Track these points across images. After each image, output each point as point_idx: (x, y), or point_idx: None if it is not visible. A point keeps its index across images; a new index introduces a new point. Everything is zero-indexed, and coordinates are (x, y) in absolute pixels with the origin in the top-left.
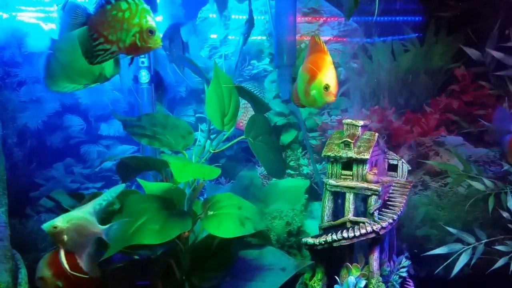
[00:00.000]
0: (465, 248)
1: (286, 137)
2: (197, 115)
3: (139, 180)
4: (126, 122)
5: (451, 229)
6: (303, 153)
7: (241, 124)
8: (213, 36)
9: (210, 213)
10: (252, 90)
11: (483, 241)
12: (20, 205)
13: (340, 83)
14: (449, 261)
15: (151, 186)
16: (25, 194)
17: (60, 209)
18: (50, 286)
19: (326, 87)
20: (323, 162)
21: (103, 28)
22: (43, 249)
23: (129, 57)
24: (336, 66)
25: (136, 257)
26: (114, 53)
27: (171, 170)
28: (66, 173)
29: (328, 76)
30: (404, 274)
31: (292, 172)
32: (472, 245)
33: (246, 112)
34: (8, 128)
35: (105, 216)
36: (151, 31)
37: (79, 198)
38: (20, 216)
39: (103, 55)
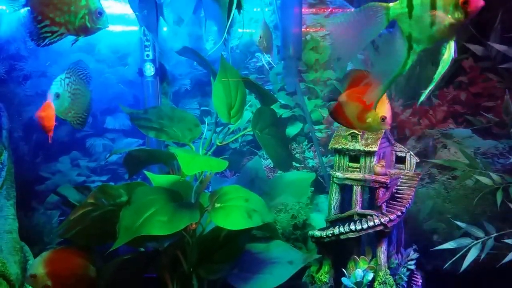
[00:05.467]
0: (474, 243)
1: (292, 130)
2: (202, 108)
3: (147, 173)
4: (133, 115)
5: (459, 223)
6: (308, 146)
7: None
8: None
9: (217, 205)
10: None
11: (493, 235)
12: (26, 199)
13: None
14: (458, 255)
15: (158, 178)
16: (31, 188)
17: (67, 205)
18: (39, 285)
19: (383, 119)
20: (329, 155)
21: (48, 10)
22: (49, 242)
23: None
24: None
25: (142, 249)
26: (63, 35)
27: (179, 162)
28: (72, 167)
29: (385, 109)
30: (412, 267)
31: (297, 165)
32: (482, 240)
33: None
34: (14, 121)
35: (113, 208)
36: (100, 13)
37: (86, 192)
38: (26, 209)
39: (51, 37)
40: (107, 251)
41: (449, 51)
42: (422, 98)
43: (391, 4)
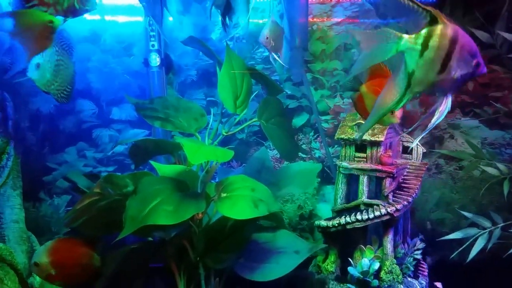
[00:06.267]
0: (481, 233)
1: (298, 120)
2: (208, 98)
3: (153, 163)
4: (138, 105)
5: (466, 214)
6: (315, 136)
7: None
8: None
9: (224, 195)
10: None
11: (500, 225)
12: (33, 189)
13: (353, 65)
14: (465, 246)
15: (165, 168)
16: (38, 178)
17: (76, 190)
18: (43, 273)
19: (392, 112)
20: (335, 146)
21: None
22: (57, 233)
23: None
24: (349, 47)
25: (150, 239)
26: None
27: (185, 152)
28: (79, 157)
29: None
30: (419, 257)
31: (304, 155)
32: (488, 229)
33: None
34: (21, 112)
35: (119, 198)
36: None
37: (95, 179)
38: (34, 200)
39: None
40: (113, 241)
41: (447, 104)
42: (417, 140)
43: (405, 36)
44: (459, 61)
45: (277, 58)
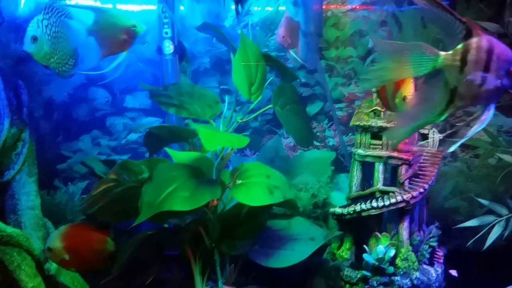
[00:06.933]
0: (498, 220)
1: (312, 109)
2: (221, 86)
3: (168, 149)
4: (153, 91)
5: (482, 201)
6: (329, 124)
7: None
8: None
9: (239, 182)
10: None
11: None
12: (48, 177)
13: (368, 52)
14: (481, 233)
15: (180, 155)
16: (52, 166)
17: (93, 175)
18: (57, 258)
19: (404, 98)
20: (349, 134)
21: None
22: (72, 220)
23: None
24: (364, 34)
25: (165, 226)
26: None
27: (200, 138)
28: (93, 145)
29: (407, 88)
30: (434, 244)
31: (318, 143)
32: (506, 217)
33: None
34: (34, 101)
35: (135, 185)
36: None
37: (111, 165)
38: (49, 188)
39: None
40: (127, 227)
41: (489, 113)
42: (455, 146)
43: (442, 53)
44: (498, 71)
45: (294, 55)
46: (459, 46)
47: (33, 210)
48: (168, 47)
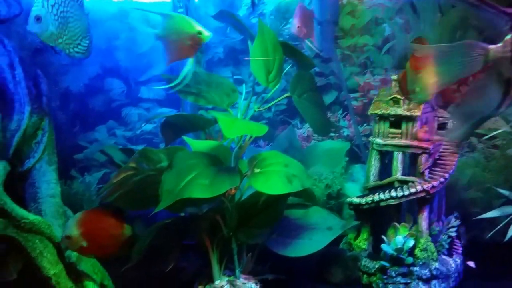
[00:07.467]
0: None
1: (326, 98)
2: (235, 77)
3: (186, 138)
4: (171, 80)
5: (502, 191)
6: (343, 114)
7: None
8: None
9: (257, 170)
10: None
11: None
12: (65, 167)
13: (384, 40)
14: (502, 224)
15: (198, 144)
16: (69, 156)
17: (112, 164)
18: (75, 246)
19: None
20: (364, 124)
21: None
22: None
23: None
24: (380, 22)
25: (182, 214)
26: None
27: (220, 126)
28: (109, 136)
29: (428, 76)
30: (453, 234)
31: (332, 134)
32: None
33: None
34: (51, 91)
35: (153, 173)
36: None
37: (130, 154)
38: (66, 177)
39: None
40: (144, 215)
41: None
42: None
43: (491, 46)
44: None
45: (310, 45)
46: (508, 37)
47: (53, 198)
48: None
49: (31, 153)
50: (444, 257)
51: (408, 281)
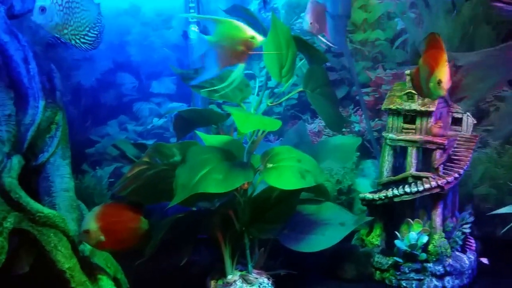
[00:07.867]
0: None
1: (338, 93)
2: (245, 71)
3: (198, 133)
4: (183, 75)
5: None
6: (354, 109)
7: None
8: None
9: (270, 165)
10: None
11: None
12: (76, 161)
13: (397, 34)
14: None
15: (211, 138)
16: (81, 151)
17: (124, 158)
18: (93, 240)
19: (439, 82)
20: (376, 119)
21: None
22: (100, 204)
23: None
24: (393, 16)
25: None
26: None
27: (234, 121)
28: (120, 130)
29: (442, 72)
30: (467, 231)
31: (343, 129)
32: None
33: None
34: (63, 86)
35: (167, 168)
36: None
37: (142, 149)
38: (77, 172)
39: None
40: (157, 210)
41: None
42: None
43: None
44: None
45: (324, 40)
46: None
47: (67, 192)
48: (194, 32)
49: (45, 147)
50: (457, 253)
51: (422, 278)
